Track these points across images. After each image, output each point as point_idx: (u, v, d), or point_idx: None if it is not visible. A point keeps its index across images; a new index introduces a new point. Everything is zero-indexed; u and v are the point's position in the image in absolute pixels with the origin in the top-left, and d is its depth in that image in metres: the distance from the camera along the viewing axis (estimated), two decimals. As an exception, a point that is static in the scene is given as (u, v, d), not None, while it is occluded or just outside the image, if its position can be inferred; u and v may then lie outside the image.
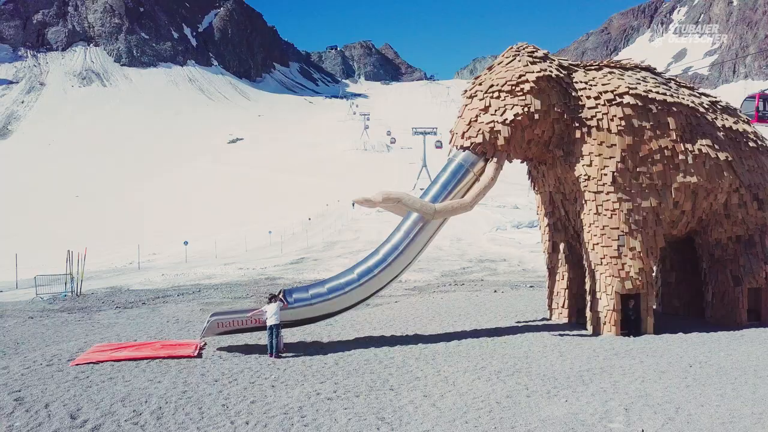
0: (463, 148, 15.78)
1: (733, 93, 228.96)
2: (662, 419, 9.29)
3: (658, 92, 16.09)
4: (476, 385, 11.40)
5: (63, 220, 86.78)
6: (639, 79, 16.51)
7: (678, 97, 16.44)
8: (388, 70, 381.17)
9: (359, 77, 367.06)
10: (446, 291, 27.62)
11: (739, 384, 11.16)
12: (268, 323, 13.94)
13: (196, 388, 11.22)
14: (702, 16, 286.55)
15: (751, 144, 17.16)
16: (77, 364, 12.94)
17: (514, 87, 15.60)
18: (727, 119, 17.23)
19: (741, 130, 17.19)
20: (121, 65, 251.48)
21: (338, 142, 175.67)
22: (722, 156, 16.29)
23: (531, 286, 27.97)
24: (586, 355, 13.72)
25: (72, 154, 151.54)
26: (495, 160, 15.51)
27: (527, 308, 20.79)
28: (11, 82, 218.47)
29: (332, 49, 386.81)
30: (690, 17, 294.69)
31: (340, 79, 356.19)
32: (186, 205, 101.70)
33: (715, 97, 18.13)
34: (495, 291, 26.86)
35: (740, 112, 18.94)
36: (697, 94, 17.58)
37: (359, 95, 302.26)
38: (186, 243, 54.65)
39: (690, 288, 18.63)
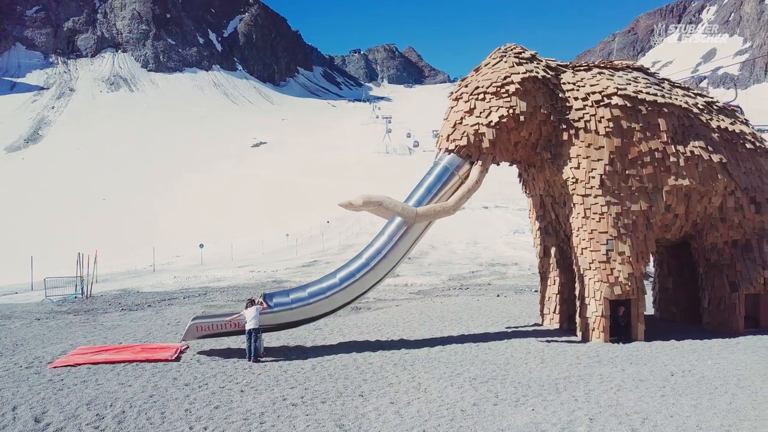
0: (448, 151, 15.58)
1: (765, 93, 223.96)
2: (625, 430, 9.00)
3: (648, 93, 15.68)
4: (447, 392, 11.20)
5: (89, 222, 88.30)
6: (629, 80, 16.11)
7: (670, 98, 15.99)
8: (412, 73, 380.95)
9: (382, 80, 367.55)
10: (449, 295, 27.36)
11: (718, 394, 10.78)
12: (247, 327, 13.93)
13: (164, 393, 11.23)
14: (732, 15, 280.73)
15: (748, 146, 16.61)
16: (55, 367, 13.08)
17: (499, 89, 15.34)
18: (723, 120, 16.70)
19: (738, 131, 16.64)
20: (148, 71, 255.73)
21: (361, 145, 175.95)
22: (716, 158, 15.79)
23: (536, 291, 27.52)
24: (567, 362, 13.42)
25: (99, 158, 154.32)
26: (480, 163, 15.28)
27: (522, 313, 20.47)
28: (42, 88, 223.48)
29: (356, 52, 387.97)
30: (720, 16, 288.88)
31: (363, 82, 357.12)
32: (209, 208, 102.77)
33: (712, 98, 17.62)
34: (498, 295, 26.54)
35: None
36: (692, 95, 17.09)
37: (382, 98, 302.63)
38: (202, 246, 55.23)
39: (687, 294, 18.12)
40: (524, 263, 42.37)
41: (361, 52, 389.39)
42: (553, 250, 17.55)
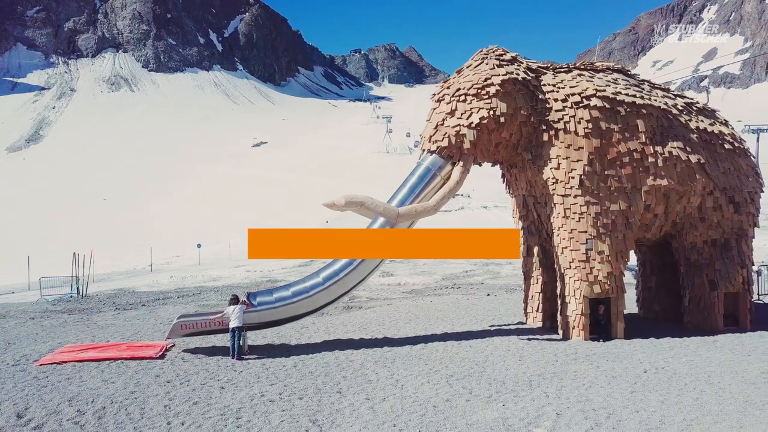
0: (430, 152, 15.84)
1: (766, 92, 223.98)
2: (589, 424, 9.24)
3: (627, 94, 15.91)
4: (422, 389, 11.44)
5: (89, 222, 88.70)
6: (609, 82, 16.34)
7: (649, 99, 16.22)
8: (412, 72, 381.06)
9: (383, 80, 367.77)
10: (440, 294, 27.58)
11: (687, 390, 11.00)
12: (231, 326, 14.19)
13: (145, 389, 11.49)
14: (733, 14, 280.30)
15: (727, 146, 16.84)
16: (41, 365, 13.35)
17: (480, 90, 15.58)
18: (702, 121, 16.94)
19: (717, 132, 16.87)
20: (149, 71, 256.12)
21: (361, 145, 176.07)
22: (694, 158, 16.02)
23: (525, 290, 27.74)
24: (545, 359, 13.65)
25: (100, 158, 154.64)
26: (461, 163, 15.53)
27: (508, 312, 20.71)
28: (43, 89, 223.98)
29: (356, 52, 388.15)
30: (721, 16, 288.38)
31: (364, 82, 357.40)
32: (209, 208, 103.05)
33: (692, 99, 17.85)
34: (488, 294, 26.75)
35: None
36: (672, 96, 17.32)
37: (383, 98, 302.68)
38: (199, 246, 55.52)
39: (670, 293, 18.35)
40: (518, 262, 42.42)
41: (362, 52, 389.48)
42: (536, 250, 17.81)
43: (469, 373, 12.54)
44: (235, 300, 14.60)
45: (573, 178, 15.36)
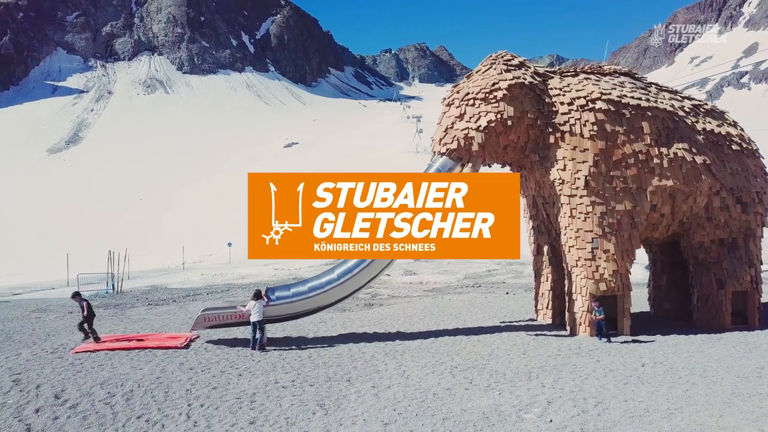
0: (440, 154, 16.52)
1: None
2: (576, 411, 9.82)
3: (632, 97, 16.33)
4: (426, 379, 12.14)
5: (126, 221, 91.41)
6: (615, 85, 16.78)
7: (655, 102, 16.60)
8: (443, 71, 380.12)
9: (413, 80, 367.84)
10: (460, 293, 28.16)
11: (679, 383, 11.45)
12: (251, 319, 15.11)
13: (170, 375, 12.45)
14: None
15: (734, 147, 17.09)
16: (77, 352, 14.46)
17: (487, 94, 16.22)
18: (709, 122, 17.23)
19: (724, 133, 17.15)
20: (183, 73, 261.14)
21: (390, 145, 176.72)
22: (700, 159, 16.34)
23: (544, 288, 28.09)
24: (548, 353, 14.20)
25: (136, 159, 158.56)
26: (470, 165, 16.18)
27: (520, 309, 21.21)
28: (82, 92, 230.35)
29: (386, 52, 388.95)
30: (762, 9, 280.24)
31: (394, 82, 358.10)
32: (242, 207, 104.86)
33: (700, 101, 18.13)
34: (507, 293, 27.24)
35: None
36: (679, 98, 17.64)
37: (413, 98, 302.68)
38: (229, 245, 57.03)
39: (680, 291, 18.65)
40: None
41: (392, 52, 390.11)
42: (545, 249, 18.33)
43: (473, 365, 13.18)
44: (257, 295, 15.51)
45: (579, 179, 15.86)
